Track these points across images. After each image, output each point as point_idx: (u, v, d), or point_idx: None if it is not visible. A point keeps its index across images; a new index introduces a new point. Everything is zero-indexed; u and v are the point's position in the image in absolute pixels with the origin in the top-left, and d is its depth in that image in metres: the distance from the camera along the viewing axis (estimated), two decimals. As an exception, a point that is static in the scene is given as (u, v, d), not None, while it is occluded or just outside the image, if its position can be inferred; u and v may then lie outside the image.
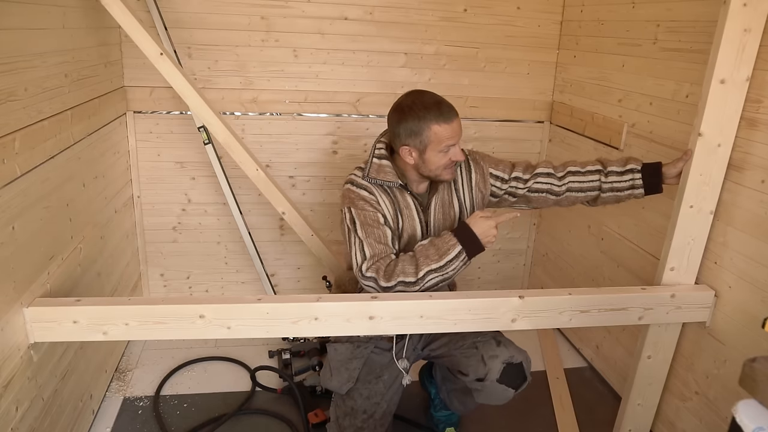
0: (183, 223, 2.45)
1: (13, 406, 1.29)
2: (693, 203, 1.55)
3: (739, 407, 0.81)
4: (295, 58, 2.30)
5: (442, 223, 1.61)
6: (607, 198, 1.66)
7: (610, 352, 2.15)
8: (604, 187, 1.64)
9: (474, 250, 1.45)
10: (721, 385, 1.58)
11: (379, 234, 1.49)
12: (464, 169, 1.65)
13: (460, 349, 1.61)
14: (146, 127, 2.30)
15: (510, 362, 1.53)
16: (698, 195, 1.54)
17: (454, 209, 1.63)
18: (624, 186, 1.61)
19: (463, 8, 2.34)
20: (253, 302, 1.40)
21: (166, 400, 2.00)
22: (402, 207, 1.56)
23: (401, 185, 1.54)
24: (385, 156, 1.55)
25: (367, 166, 1.55)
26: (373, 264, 1.45)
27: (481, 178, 1.65)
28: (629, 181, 1.60)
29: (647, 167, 1.60)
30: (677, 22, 1.73)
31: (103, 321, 1.36)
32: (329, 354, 1.72)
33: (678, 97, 1.74)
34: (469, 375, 1.56)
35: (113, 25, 1.94)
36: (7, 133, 1.26)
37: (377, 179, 1.52)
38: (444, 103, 1.48)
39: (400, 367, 1.67)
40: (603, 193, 1.65)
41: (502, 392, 1.54)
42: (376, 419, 1.62)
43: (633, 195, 1.62)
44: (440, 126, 1.45)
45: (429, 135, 1.45)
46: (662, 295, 1.57)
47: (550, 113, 2.56)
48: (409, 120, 1.46)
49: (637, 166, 1.61)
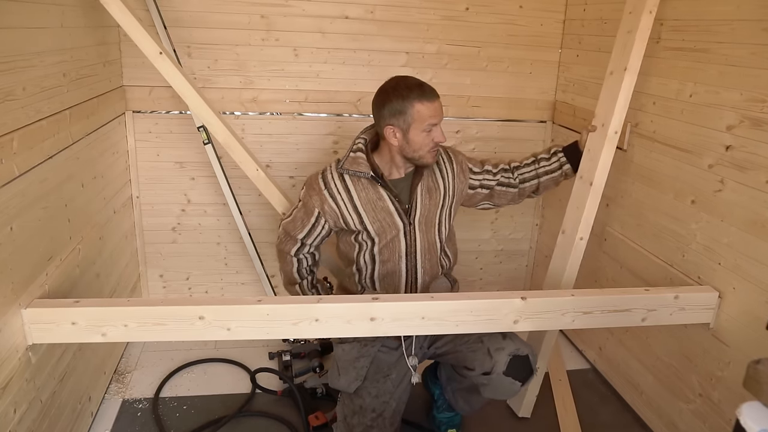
0: (182, 223, 2.44)
1: (11, 408, 1.27)
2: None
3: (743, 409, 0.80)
4: (295, 57, 2.29)
5: (428, 207, 1.66)
6: (546, 182, 1.83)
7: (613, 353, 2.14)
8: (540, 172, 1.81)
9: None
10: (725, 387, 1.57)
11: (300, 222, 1.69)
12: (446, 158, 1.73)
13: (466, 344, 1.62)
14: (145, 126, 2.28)
15: (516, 354, 1.54)
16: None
17: (440, 194, 1.68)
18: (554, 167, 1.81)
19: (465, 7, 2.33)
20: (253, 303, 1.39)
21: (165, 402, 1.98)
22: (372, 199, 1.61)
23: (372, 177, 1.59)
24: (362, 149, 1.63)
25: (344, 158, 1.63)
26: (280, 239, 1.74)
27: (459, 168, 1.74)
28: (557, 162, 1.81)
29: (567, 147, 1.82)
30: (681, 20, 1.71)
31: (101, 322, 1.35)
32: (336, 354, 1.73)
33: (682, 96, 1.72)
34: (475, 369, 1.58)
35: (112, 24, 1.93)
36: (5, 132, 1.25)
37: (350, 169, 1.60)
38: (426, 84, 1.56)
39: (410, 364, 1.67)
40: (541, 179, 1.82)
41: (509, 385, 1.55)
42: (385, 418, 1.63)
43: (564, 173, 1.82)
44: (423, 104, 1.52)
45: (413, 113, 1.52)
46: (665, 296, 1.55)
47: (553, 113, 2.55)
48: (393, 100, 1.53)
49: (559, 149, 1.83)
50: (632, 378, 2.01)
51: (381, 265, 1.66)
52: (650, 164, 1.88)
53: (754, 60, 1.46)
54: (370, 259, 1.67)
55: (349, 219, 1.63)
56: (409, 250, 1.65)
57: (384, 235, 1.63)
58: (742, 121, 1.49)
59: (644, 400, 1.94)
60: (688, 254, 1.71)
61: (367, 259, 1.67)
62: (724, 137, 1.56)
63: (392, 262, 1.66)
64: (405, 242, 1.64)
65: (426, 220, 1.66)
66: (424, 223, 1.66)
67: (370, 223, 1.62)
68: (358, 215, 1.62)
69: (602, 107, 1.80)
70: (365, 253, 1.67)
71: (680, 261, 1.74)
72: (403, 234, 1.64)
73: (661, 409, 1.85)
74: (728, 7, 1.54)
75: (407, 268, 1.67)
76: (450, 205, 1.71)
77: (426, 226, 1.66)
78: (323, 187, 1.63)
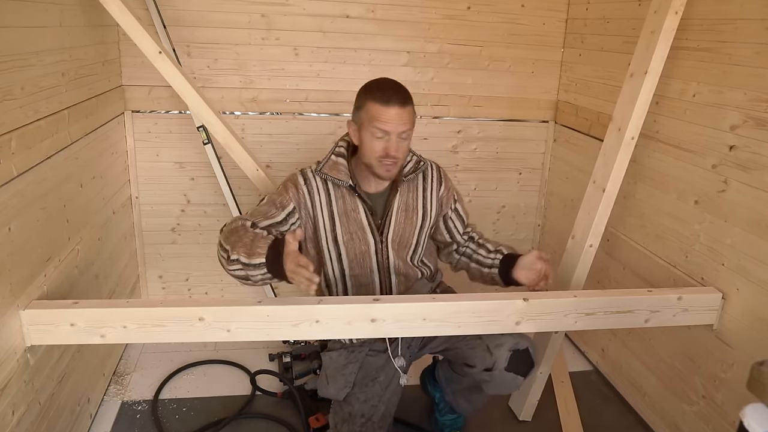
0: (182, 224, 2.43)
1: (10, 410, 1.26)
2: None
3: (746, 411, 0.80)
4: (295, 56, 2.28)
5: (403, 226, 1.60)
6: (473, 271, 1.68)
7: (616, 355, 2.12)
8: (474, 257, 1.68)
9: (276, 274, 1.31)
10: (728, 388, 1.56)
11: (267, 211, 1.50)
12: (434, 178, 1.66)
13: (464, 340, 1.60)
14: (145, 126, 2.27)
15: (516, 349, 1.52)
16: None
17: (418, 214, 1.62)
18: (487, 263, 1.64)
19: (467, 6, 2.32)
20: (253, 305, 1.38)
21: (164, 404, 1.97)
22: (348, 209, 1.55)
23: (351, 186, 1.53)
24: (343, 155, 1.56)
25: (324, 160, 1.56)
26: (233, 221, 1.46)
27: (446, 193, 1.68)
28: (491, 260, 1.64)
29: (509, 256, 1.61)
30: (684, 20, 1.70)
31: (100, 324, 1.34)
32: (324, 362, 1.71)
33: (685, 96, 1.71)
34: (476, 366, 1.56)
35: (111, 23, 1.92)
36: (3, 132, 1.24)
37: (329, 175, 1.53)
38: (394, 89, 1.46)
39: (396, 365, 1.65)
40: (471, 264, 1.68)
41: (512, 380, 1.54)
42: (374, 422, 1.60)
43: (490, 275, 1.64)
44: (376, 105, 1.44)
45: (366, 110, 1.46)
46: (669, 297, 1.54)
47: (555, 113, 2.54)
48: (359, 94, 1.50)
49: (505, 251, 1.63)
50: (635, 380, 2.00)
51: (352, 279, 1.61)
52: (653, 164, 1.87)
53: (758, 59, 1.45)
54: (339, 274, 1.61)
55: (320, 225, 1.56)
56: (382, 266, 1.61)
57: (352, 248, 1.57)
58: (745, 120, 1.48)
59: (647, 402, 1.93)
60: (691, 255, 1.70)
61: (337, 273, 1.61)
62: (727, 137, 1.55)
63: (365, 276, 1.61)
64: (376, 259, 1.59)
65: (400, 240, 1.60)
66: (397, 242, 1.60)
67: (341, 234, 1.56)
68: (332, 223, 1.56)
69: (620, 110, 1.74)
70: (333, 267, 1.61)
71: (683, 262, 1.73)
72: (374, 251, 1.59)
73: (664, 411, 1.83)
74: (732, 6, 1.53)
75: (381, 280, 1.62)
76: (429, 227, 1.66)
77: (399, 246, 1.60)
78: (303, 183, 1.55)
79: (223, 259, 1.39)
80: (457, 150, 2.53)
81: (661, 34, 1.64)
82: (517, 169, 2.64)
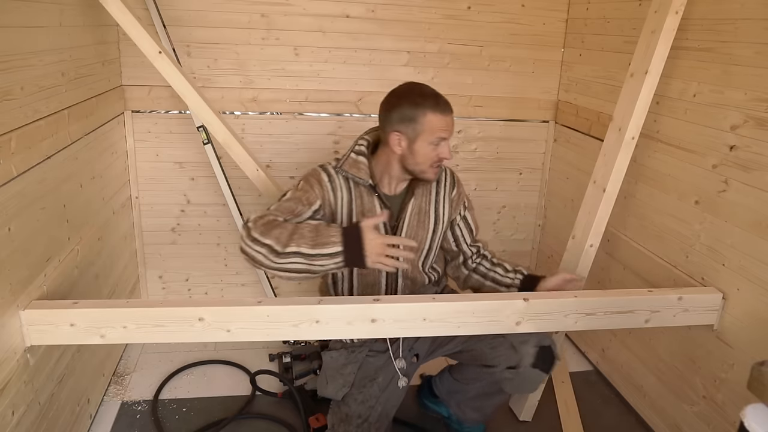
0: (182, 224, 2.43)
1: (9, 410, 1.26)
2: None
3: (747, 412, 0.81)
4: (295, 56, 2.28)
5: (416, 230, 1.59)
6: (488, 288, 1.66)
7: (616, 355, 2.12)
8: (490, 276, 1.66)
9: (354, 262, 1.31)
10: (729, 389, 1.56)
11: (294, 208, 1.45)
12: (448, 182, 1.65)
13: (484, 341, 1.59)
14: (144, 126, 2.27)
15: (542, 345, 1.53)
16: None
17: (430, 219, 1.61)
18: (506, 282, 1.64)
19: (467, 6, 2.32)
20: (253, 305, 1.38)
21: (164, 405, 1.97)
22: (366, 209, 1.53)
23: (371, 185, 1.52)
24: (364, 153, 1.53)
25: (344, 157, 1.54)
26: (262, 216, 1.38)
27: (457, 197, 1.67)
28: (510, 280, 1.63)
29: (529, 277, 1.62)
30: (685, 20, 1.70)
31: (100, 324, 1.34)
32: (324, 361, 1.70)
33: (685, 96, 1.71)
34: (499, 365, 1.56)
35: (111, 23, 1.92)
36: (3, 132, 1.24)
37: (349, 173, 1.51)
38: (442, 96, 1.48)
39: (396, 367, 1.64)
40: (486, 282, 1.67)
41: (537, 376, 1.55)
42: (370, 423, 1.59)
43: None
44: (436, 116, 1.43)
45: (423, 122, 1.43)
46: (669, 297, 1.54)
47: (555, 113, 2.53)
48: (404, 106, 1.44)
49: (525, 272, 1.64)
50: (635, 380, 2.00)
51: (360, 276, 1.60)
52: (654, 164, 1.86)
53: (758, 59, 1.45)
54: (347, 271, 1.60)
55: (338, 221, 1.55)
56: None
57: None
58: (746, 120, 1.48)
59: (647, 402, 1.93)
60: (691, 255, 1.69)
61: (345, 270, 1.58)
62: (728, 137, 1.54)
63: (372, 276, 1.60)
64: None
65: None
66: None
67: None
68: (350, 221, 1.54)
69: (620, 110, 1.74)
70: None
71: (684, 262, 1.73)
72: None
73: (664, 411, 1.83)
74: (732, 6, 1.53)
75: (387, 283, 1.61)
76: (442, 232, 1.65)
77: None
78: (327, 180, 1.52)
79: (265, 255, 1.31)
80: (458, 150, 2.53)
81: (661, 33, 1.64)
82: (517, 169, 2.64)
